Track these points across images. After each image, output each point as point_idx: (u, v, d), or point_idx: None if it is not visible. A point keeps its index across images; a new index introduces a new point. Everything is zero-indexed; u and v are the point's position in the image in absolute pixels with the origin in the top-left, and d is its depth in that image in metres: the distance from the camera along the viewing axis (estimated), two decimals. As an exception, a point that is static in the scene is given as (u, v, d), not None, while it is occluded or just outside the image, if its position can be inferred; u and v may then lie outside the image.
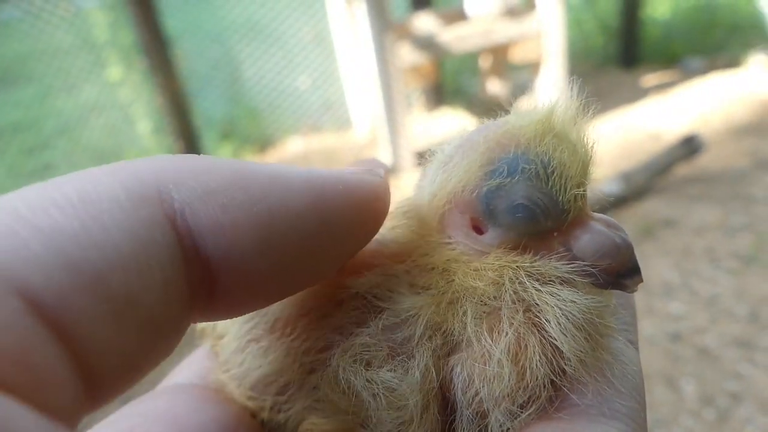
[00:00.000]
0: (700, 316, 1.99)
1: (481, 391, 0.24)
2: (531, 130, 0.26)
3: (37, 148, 3.96)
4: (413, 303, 0.26)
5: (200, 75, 3.88)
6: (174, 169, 0.21)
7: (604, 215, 0.27)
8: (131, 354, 0.19)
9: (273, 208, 0.21)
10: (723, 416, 1.63)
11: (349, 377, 0.25)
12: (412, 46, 3.05)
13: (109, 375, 0.18)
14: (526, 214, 0.25)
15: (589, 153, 0.27)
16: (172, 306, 0.20)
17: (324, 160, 3.55)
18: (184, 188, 0.20)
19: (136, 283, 0.18)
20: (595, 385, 0.24)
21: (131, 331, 0.18)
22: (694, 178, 2.79)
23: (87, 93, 3.52)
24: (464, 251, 0.27)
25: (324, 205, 0.22)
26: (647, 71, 4.15)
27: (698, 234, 2.41)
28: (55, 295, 0.17)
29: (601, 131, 3.36)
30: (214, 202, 0.20)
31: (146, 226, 0.19)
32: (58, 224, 0.17)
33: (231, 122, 3.90)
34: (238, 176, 0.21)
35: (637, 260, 0.26)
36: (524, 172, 0.25)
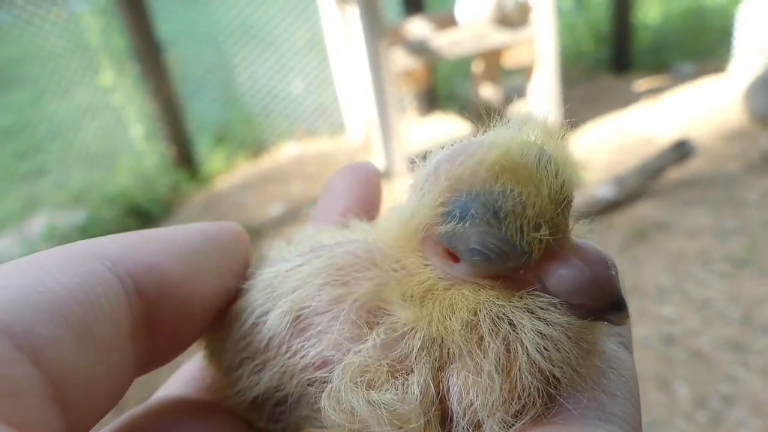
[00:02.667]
0: (693, 319, 2.00)
1: (476, 401, 0.24)
2: (486, 167, 0.24)
3: (30, 152, 3.94)
4: (408, 317, 0.26)
5: (194, 79, 3.88)
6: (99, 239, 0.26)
7: (590, 244, 0.26)
8: (95, 375, 0.22)
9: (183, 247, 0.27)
10: (716, 419, 1.63)
11: (351, 399, 0.25)
12: (405, 50, 3.06)
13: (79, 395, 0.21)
14: (482, 258, 0.24)
15: (563, 179, 0.25)
16: (122, 332, 0.24)
17: (318, 164, 3.55)
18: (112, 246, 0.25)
19: (89, 314, 0.22)
20: (590, 391, 0.24)
21: (91, 353, 0.22)
22: (686, 181, 2.81)
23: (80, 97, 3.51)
24: (443, 277, 0.27)
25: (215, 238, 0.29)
26: (638, 76, 4.18)
27: (691, 237, 2.42)
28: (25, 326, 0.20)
29: (594, 136, 3.38)
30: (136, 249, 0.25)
31: (90, 272, 0.23)
32: (20, 282, 0.22)
33: (224, 127, 3.89)
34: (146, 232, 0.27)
35: (621, 296, 0.25)
36: (474, 218, 0.24)
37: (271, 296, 0.29)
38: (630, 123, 3.51)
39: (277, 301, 0.28)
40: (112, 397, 0.24)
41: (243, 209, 3.15)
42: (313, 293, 0.28)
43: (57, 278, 0.22)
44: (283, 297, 0.28)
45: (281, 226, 2.93)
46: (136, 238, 0.26)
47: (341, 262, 0.28)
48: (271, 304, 0.28)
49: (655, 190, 2.75)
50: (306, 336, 0.27)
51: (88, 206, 3.21)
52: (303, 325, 0.27)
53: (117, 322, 0.23)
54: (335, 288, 0.27)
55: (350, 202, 0.35)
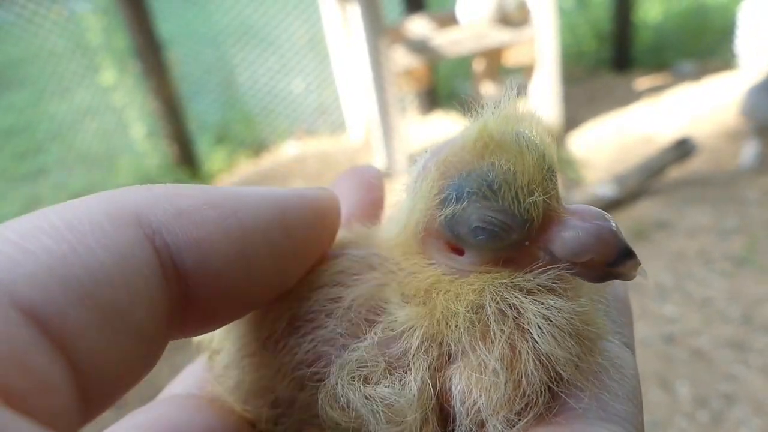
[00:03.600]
0: (693, 318, 2.00)
1: (479, 400, 0.24)
2: (470, 149, 0.25)
3: (31, 152, 3.94)
4: (408, 315, 0.26)
5: (194, 79, 3.88)
6: (149, 195, 0.22)
7: (581, 205, 0.26)
8: (121, 360, 0.20)
9: (243, 222, 0.23)
10: (717, 418, 1.64)
11: (347, 394, 0.25)
12: (406, 49, 3.06)
13: (102, 381, 0.20)
14: (486, 236, 0.25)
15: (543, 150, 0.26)
16: (155, 316, 0.21)
17: (319, 163, 3.55)
18: (160, 211, 0.22)
19: (122, 295, 0.20)
20: (592, 390, 0.24)
21: (120, 338, 0.20)
22: (686, 180, 2.81)
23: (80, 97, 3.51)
24: (448, 272, 0.27)
25: (286, 215, 0.25)
26: (639, 75, 4.18)
27: (691, 236, 2.42)
28: (49, 306, 0.18)
29: (594, 135, 3.38)
30: (187, 220, 0.22)
31: (127, 245, 0.20)
32: (48, 247, 0.19)
33: (225, 126, 3.90)
34: (208, 196, 0.23)
35: (627, 244, 0.25)
36: (470, 195, 0.25)
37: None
38: (631, 122, 3.51)
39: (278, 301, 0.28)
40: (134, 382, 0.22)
41: (244, 208, 3.14)
42: (310, 293, 0.28)
43: (91, 247, 0.19)
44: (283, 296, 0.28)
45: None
46: (189, 201, 0.23)
47: (340, 266, 0.29)
48: (273, 304, 0.28)
49: (656, 189, 2.75)
50: (301, 333, 0.27)
51: (89, 205, 3.20)
52: (299, 323, 0.28)
53: (153, 306, 0.21)
54: (333, 288, 0.28)
55: (354, 206, 0.35)
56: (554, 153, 0.26)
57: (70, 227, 0.20)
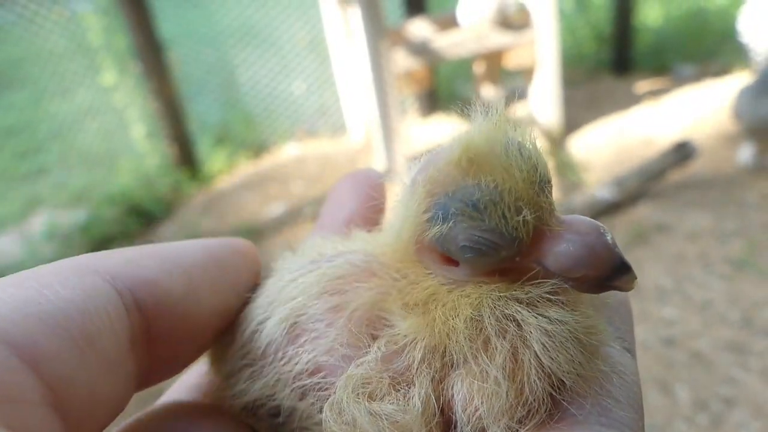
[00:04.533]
0: (693, 321, 2.00)
1: (480, 407, 0.24)
2: (456, 164, 0.25)
3: (31, 152, 3.94)
4: (409, 327, 0.26)
5: (195, 79, 3.88)
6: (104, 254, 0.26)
7: (577, 216, 0.25)
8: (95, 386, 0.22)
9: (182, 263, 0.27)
10: (716, 421, 1.64)
11: (352, 411, 0.25)
12: (407, 51, 3.06)
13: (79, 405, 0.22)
14: (474, 254, 0.24)
15: (535, 162, 0.25)
16: (122, 346, 0.24)
17: (319, 165, 3.55)
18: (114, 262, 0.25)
19: (90, 326, 0.22)
20: (594, 396, 0.24)
21: (92, 364, 0.22)
22: (686, 183, 2.81)
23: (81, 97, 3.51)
24: (445, 282, 0.27)
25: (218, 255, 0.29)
26: (640, 78, 4.18)
27: (691, 239, 2.43)
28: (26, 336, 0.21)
29: (594, 137, 3.38)
30: (135, 264, 0.26)
31: (89, 285, 0.23)
32: (20, 294, 0.22)
33: (225, 127, 3.90)
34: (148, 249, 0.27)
35: (622, 258, 0.24)
36: (456, 215, 0.24)
37: (271, 305, 0.29)
38: (631, 124, 3.51)
39: (275, 310, 0.29)
40: (112, 409, 0.24)
41: (244, 209, 3.15)
42: (310, 302, 0.28)
43: (57, 290, 0.22)
44: (281, 305, 0.28)
45: (282, 227, 2.93)
46: (136, 254, 0.26)
47: (340, 272, 0.29)
48: (270, 313, 0.29)
49: (656, 192, 2.75)
50: (300, 342, 0.27)
51: (89, 206, 3.21)
52: (298, 332, 0.28)
53: (117, 336, 0.23)
54: (333, 297, 0.28)
55: (355, 210, 0.35)
56: (547, 163, 0.26)
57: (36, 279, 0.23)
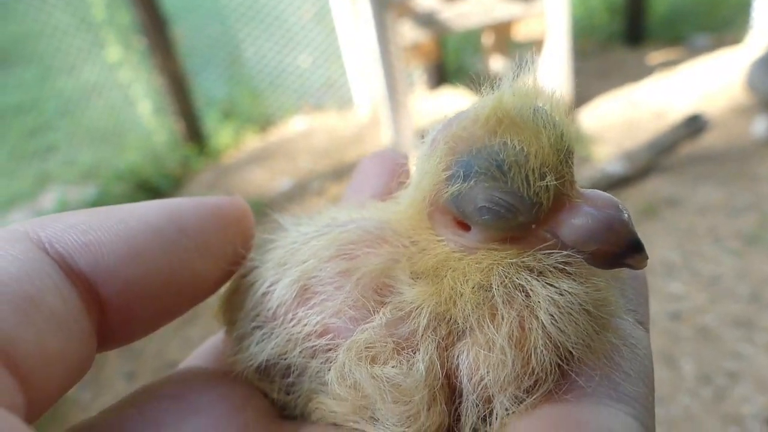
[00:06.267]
0: (701, 296, 1.99)
1: (486, 377, 0.24)
2: (483, 124, 0.24)
3: (39, 130, 3.96)
4: (416, 294, 0.26)
5: (200, 54, 3.86)
6: (37, 220, 0.25)
7: (596, 191, 0.25)
8: (47, 345, 0.22)
9: (133, 226, 0.25)
10: (720, 395, 1.64)
11: (354, 374, 0.25)
12: (414, 23, 3.01)
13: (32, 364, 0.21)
14: (491, 216, 0.24)
15: (562, 130, 0.25)
16: (71, 307, 0.23)
17: (326, 139, 3.53)
18: (48, 228, 0.24)
19: (31, 288, 0.22)
20: (603, 369, 0.24)
21: (39, 323, 0.21)
22: (698, 157, 2.77)
23: (87, 73, 3.51)
24: (455, 248, 0.26)
25: (179, 216, 0.27)
26: (652, 49, 4.10)
27: (702, 214, 2.40)
28: None
29: (605, 110, 3.33)
30: (75, 230, 0.24)
31: (24, 252, 0.23)
32: None
33: (232, 102, 3.88)
34: (98, 212, 0.26)
35: (637, 237, 0.24)
36: (478, 174, 0.24)
37: (282, 267, 0.29)
38: (642, 97, 3.45)
39: (287, 272, 0.29)
40: (71, 368, 0.23)
41: (251, 184, 3.15)
42: (321, 265, 0.28)
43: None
44: (293, 268, 0.29)
45: (289, 201, 2.93)
46: (77, 218, 0.25)
47: (352, 237, 0.28)
48: (282, 275, 0.29)
49: (666, 166, 2.72)
50: (310, 305, 0.27)
51: (98, 182, 3.23)
52: (308, 294, 0.28)
53: (64, 296, 0.23)
54: (343, 261, 0.28)
55: (380, 189, 0.35)
56: (573, 133, 0.25)
57: None
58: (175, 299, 0.28)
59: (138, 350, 2.03)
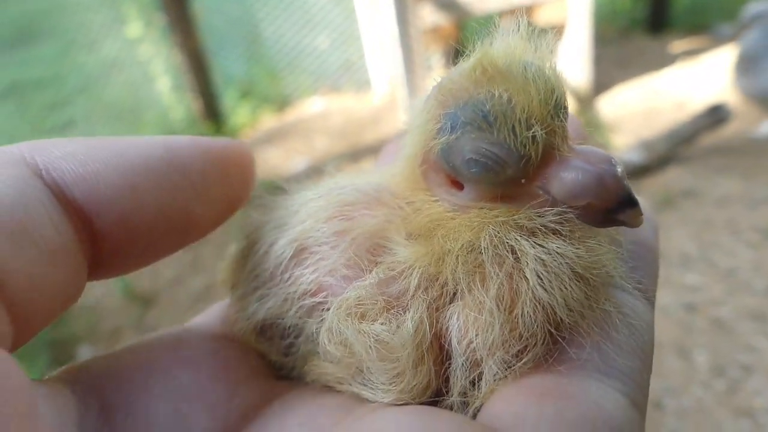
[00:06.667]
0: (716, 288, 1.98)
1: (475, 339, 0.24)
2: (470, 76, 0.24)
3: (59, 105, 3.99)
4: (409, 254, 0.26)
5: (219, 33, 3.85)
6: (34, 144, 0.24)
7: (590, 147, 0.25)
8: (36, 273, 0.22)
9: (131, 160, 0.25)
10: (733, 387, 1.64)
11: (341, 329, 0.25)
12: (434, 6, 2.98)
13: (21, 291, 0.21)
14: (479, 168, 0.24)
15: (552, 84, 0.24)
16: (63, 236, 0.23)
17: (342, 120, 3.53)
18: (46, 153, 0.24)
19: (22, 215, 0.21)
20: (594, 339, 0.24)
21: (30, 251, 0.21)
22: (718, 148, 2.73)
23: (107, 49, 3.52)
24: (449, 208, 0.26)
25: (176, 154, 0.26)
26: (676, 37, 4.02)
27: (720, 205, 2.38)
28: None
29: (624, 98, 3.29)
30: (73, 159, 0.24)
31: (18, 177, 0.22)
32: None
33: (250, 81, 3.88)
34: (96, 141, 0.25)
35: (630, 191, 0.24)
36: (464, 125, 0.24)
37: (281, 228, 0.30)
38: (663, 86, 3.40)
39: (285, 232, 0.29)
40: (60, 299, 0.23)
41: (267, 163, 3.16)
42: (318, 225, 0.28)
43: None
44: (290, 228, 0.29)
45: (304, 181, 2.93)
46: (75, 146, 0.24)
47: (349, 199, 0.29)
48: (280, 235, 0.29)
49: (686, 157, 2.69)
50: (306, 264, 0.28)
51: (115, 158, 3.25)
52: (305, 254, 0.28)
53: (57, 227, 0.22)
54: (340, 222, 0.28)
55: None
56: (565, 92, 0.25)
57: None
58: (168, 237, 0.27)
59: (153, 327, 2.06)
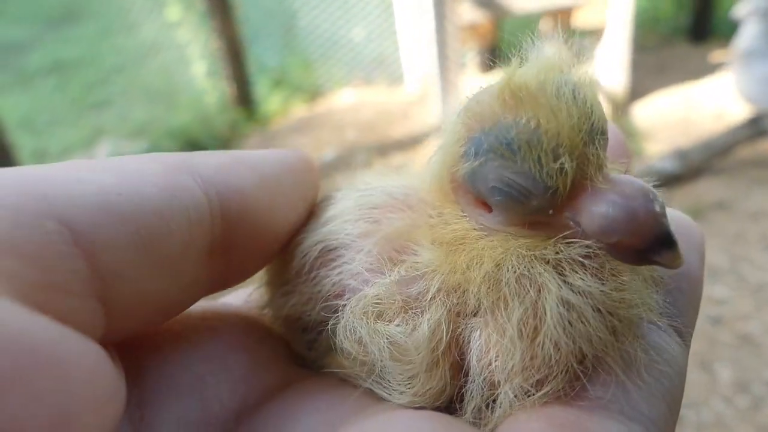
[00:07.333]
0: (745, 302, 1.94)
1: (495, 362, 0.24)
2: (499, 99, 0.23)
3: (98, 83, 4.08)
4: (433, 258, 0.25)
5: (256, 21, 3.89)
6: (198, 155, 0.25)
7: (629, 177, 0.23)
8: (150, 289, 0.22)
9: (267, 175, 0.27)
10: (757, 404, 1.60)
11: (356, 327, 0.25)
12: (472, 3, 2.97)
13: (125, 303, 0.21)
14: (503, 197, 0.23)
15: (589, 108, 0.23)
16: (195, 251, 0.23)
17: (373, 113, 3.54)
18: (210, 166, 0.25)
19: (160, 227, 0.21)
20: (620, 379, 0.23)
21: (154, 266, 0.21)
22: (755, 161, 2.67)
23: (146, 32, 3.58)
24: (477, 227, 0.25)
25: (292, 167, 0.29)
26: (717, 46, 3.93)
27: (753, 219, 2.32)
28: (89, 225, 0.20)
29: (660, 106, 3.24)
30: (227, 171, 0.25)
31: (178, 186, 0.23)
32: (97, 178, 0.21)
33: (283, 70, 3.91)
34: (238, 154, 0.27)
35: (668, 230, 0.22)
36: (488, 152, 0.22)
37: (311, 227, 0.30)
38: (702, 96, 3.33)
39: (314, 232, 0.29)
40: (164, 311, 0.24)
41: (296, 153, 3.17)
42: (345, 227, 0.28)
43: (139, 186, 0.21)
44: (318, 228, 0.29)
45: (333, 172, 2.95)
46: (228, 159, 0.26)
47: (377, 201, 0.29)
48: (307, 235, 0.29)
49: (720, 168, 2.63)
50: (331, 266, 0.28)
51: (149, 138, 3.32)
52: (330, 256, 0.28)
53: (193, 241, 0.23)
54: (366, 224, 0.28)
55: None
56: (605, 115, 0.23)
57: (124, 169, 0.22)
58: (279, 244, 0.29)
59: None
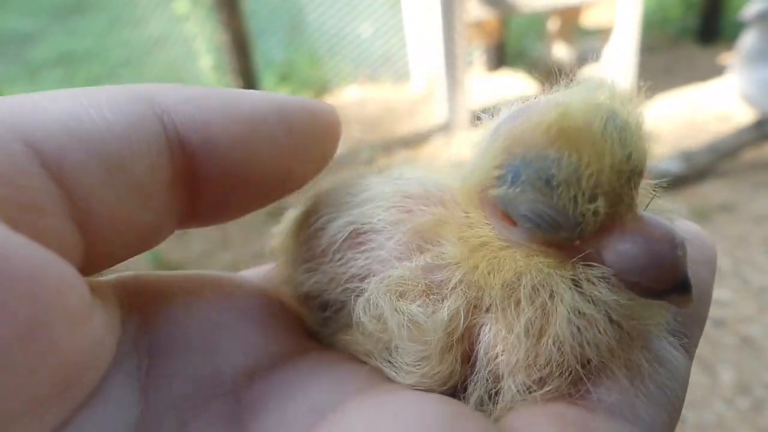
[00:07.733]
0: (747, 305, 1.93)
1: (500, 356, 0.24)
2: (544, 131, 0.23)
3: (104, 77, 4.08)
4: (458, 252, 0.26)
5: (263, 15, 3.89)
6: (161, 86, 0.25)
7: (657, 219, 0.23)
8: (122, 209, 0.22)
9: (245, 112, 0.25)
10: (758, 406, 1.60)
11: (379, 302, 0.25)
12: (479, 1, 2.96)
13: (102, 223, 0.22)
14: (533, 226, 0.23)
15: (631, 150, 0.23)
16: (159, 179, 0.23)
17: (379, 110, 3.54)
18: (170, 96, 0.24)
19: (126, 151, 0.22)
20: (624, 386, 0.23)
21: (121, 187, 0.22)
22: (761, 164, 2.66)
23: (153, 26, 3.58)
24: (500, 237, 0.26)
25: (285, 112, 0.27)
26: (726, 49, 3.91)
27: (757, 223, 2.32)
28: (55, 147, 0.21)
29: (667, 107, 3.23)
30: (194, 105, 0.24)
31: (137, 114, 0.23)
32: (66, 107, 0.22)
33: (290, 65, 3.91)
34: (211, 90, 0.26)
35: (686, 277, 0.22)
36: (525, 184, 0.23)
37: (340, 207, 0.30)
38: (708, 97, 3.32)
39: (344, 213, 0.29)
40: (143, 238, 0.24)
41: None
42: (377, 212, 0.28)
43: (103, 112, 0.22)
44: (349, 210, 0.29)
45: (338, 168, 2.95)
46: (197, 93, 0.25)
47: (412, 191, 0.29)
48: (338, 215, 0.29)
49: (726, 170, 2.62)
50: (359, 249, 0.28)
51: (155, 132, 3.32)
52: (360, 239, 0.28)
53: (156, 167, 0.23)
54: (399, 213, 0.28)
55: None
56: (647, 152, 0.23)
57: (87, 97, 0.23)
58: (264, 192, 0.28)
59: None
